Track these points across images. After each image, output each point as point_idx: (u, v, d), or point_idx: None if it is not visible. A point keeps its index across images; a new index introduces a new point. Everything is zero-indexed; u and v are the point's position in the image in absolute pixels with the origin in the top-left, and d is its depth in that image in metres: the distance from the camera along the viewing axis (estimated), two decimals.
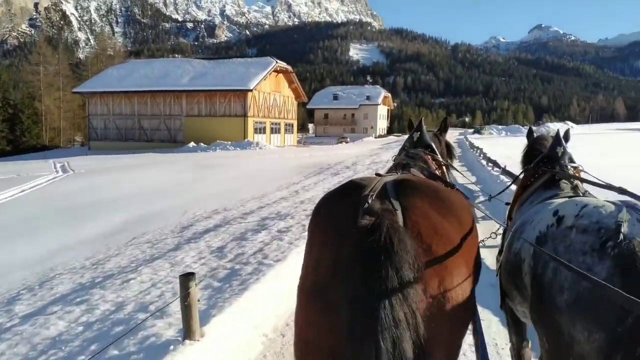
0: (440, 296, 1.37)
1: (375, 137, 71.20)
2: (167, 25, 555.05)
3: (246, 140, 39.36)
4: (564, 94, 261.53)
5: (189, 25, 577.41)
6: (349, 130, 76.56)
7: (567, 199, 2.00)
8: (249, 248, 5.41)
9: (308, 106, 78.34)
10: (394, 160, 2.75)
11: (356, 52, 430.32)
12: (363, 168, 15.53)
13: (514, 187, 3.13)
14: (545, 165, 2.60)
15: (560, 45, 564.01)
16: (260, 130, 44.72)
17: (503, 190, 3.25)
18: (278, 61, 46.50)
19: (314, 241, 1.56)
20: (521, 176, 2.88)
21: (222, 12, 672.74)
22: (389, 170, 2.52)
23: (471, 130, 75.11)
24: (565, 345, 1.47)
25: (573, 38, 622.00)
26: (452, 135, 70.59)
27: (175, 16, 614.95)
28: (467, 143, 30.75)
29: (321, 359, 1.35)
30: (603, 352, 1.33)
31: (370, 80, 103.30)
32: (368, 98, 78.29)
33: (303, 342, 1.45)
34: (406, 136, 3.12)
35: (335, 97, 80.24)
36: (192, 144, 38.95)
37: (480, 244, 1.85)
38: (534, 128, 3.36)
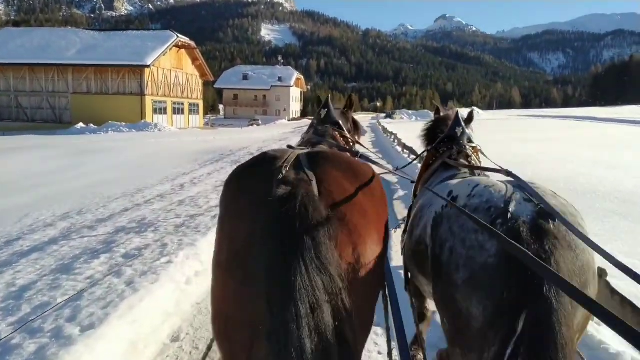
0: (354, 262, 1.41)
1: (289, 120, 69.39)
2: None
3: (143, 121, 35.52)
4: (467, 81, 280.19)
5: None
6: (261, 112, 73.82)
7: (461, 179, 2.07)
8: (62, 292, 3.35)
9: (216, 86, 74.20)
10: (303, 138, 2.70)
11: (268, 32, 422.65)
12: None
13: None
14: (446, 145, 2.73)
15: (463, 35, 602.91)
16: (160, 110, 40.80)
17: (407, 165, 3.48)
18: (180, 35, 42.59)
19: (227, 214, 1.53)
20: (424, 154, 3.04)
21: None
22: (300, 146, 2.41)
23: (383, 115, 76.25)
24: (464, 321, 1.52)
25: (474, 29, 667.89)
26: (365, 120, 70.76)
27: None
28: (381, 128, 30.18)
29: (241, 331, 1.33)
30: (495, 322, 1.39)
31: (282, 61, 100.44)
32: (280, 79, 75.96)
33: (222, 317, 1.42)
34: None
35: (245, 77, 76.67)
36: (80, 124, 34.24)
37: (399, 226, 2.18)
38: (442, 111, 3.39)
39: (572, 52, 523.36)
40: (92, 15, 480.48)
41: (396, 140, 17.05)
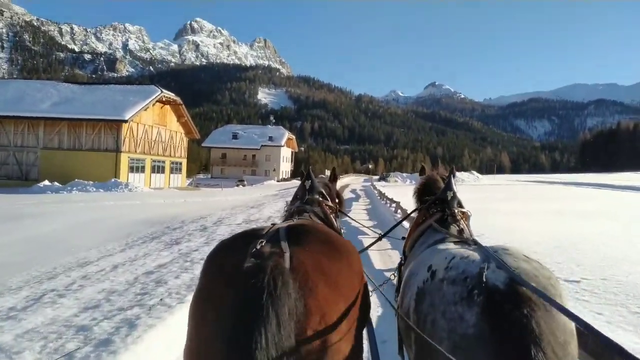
0: (323, 338, 1.37)
1: (278, 181, 66.94)
2: (62, 54, 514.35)
3: (113, 180, 32.58)
4: (456, 145, 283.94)
5: (87, 57, 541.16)
6: (250, 172, 71.59)
7: (441, 249, 2.11)
8: None
9: (204, 144, 72.40)
10: (288, 210, 2.77)
11: (264, 95, 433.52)
12: (225, 231, 10.48)
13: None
14: (436, 207, 2.79)
15: (452, 102, 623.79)
16: (137, 168, 38.09)
17: (393, 228, 3.37)
18: (164, 91, 40.83)
19: (202, 288, 1.51)
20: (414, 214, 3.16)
21: (125, 46, 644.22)
22: (286, 218, 2.55)
23: (376, 177, 73.94)
24: None
25: (462, 96, 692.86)
26: (357, 182, 68.82)
27: (71, 46, 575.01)
28: (376, 192, 26.77)
29: None
30: None
31: (274, 121, 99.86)
32: (271, 139, 74.51)
33: None
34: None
35: (235, 136, 75.10)
36: (45, 182, 31.30)
37: (375, 290, 2.23)
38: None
39: (556, 119, 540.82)
40: (94, 76, 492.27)
41: (399, 210, 13.80)
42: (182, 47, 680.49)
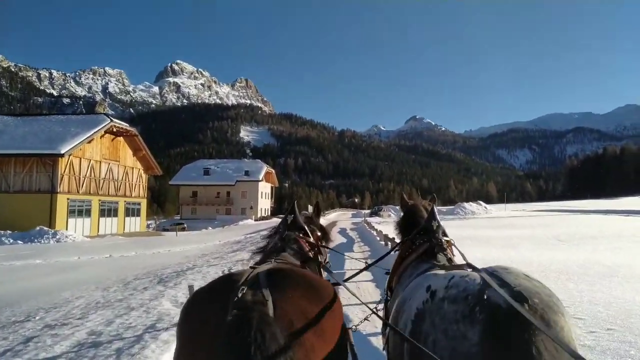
0: None
1: (256, 220, 60.50)
2: (40, 99, 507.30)
3: (39, 228, 26.27)
4: (441, 177, 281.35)
5: (66, 100, 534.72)
6: (224, 211, 65.06)
7: (436, 272, 2.10)
8: None
9: (171, 182, 66.01)
10: (268, 244, 2.73)
11: (247, 133, 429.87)
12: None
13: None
14: (422, 237, 2.74)
15: (433, 134, 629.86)
16: (81, 212, 31.89)
17: (378, 260, 3.23)
18: (115, 120, 35.36)
19: (184, 344, 1.48)
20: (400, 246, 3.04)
21: (105, 90, 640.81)
22: (264, 255, 2.49)
23: (367, 212, 66.62)
24: None
25: (443, 129, 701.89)
26: (346, 218, 61.81)
27: (50, 91, 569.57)
28: (374, 233, 20.23)
29: None
30: None
31: (250, 154, 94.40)
32: (247, 173, 68.30)
33: None
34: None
35: (207, 172, 68.71)
36: None
37: (354, 328, 2.31)
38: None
39: (537, 148, 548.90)
40: None
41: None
42: (163, 89, 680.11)
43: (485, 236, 17.38)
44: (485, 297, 1.53)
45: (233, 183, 67.13)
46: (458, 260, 2.53)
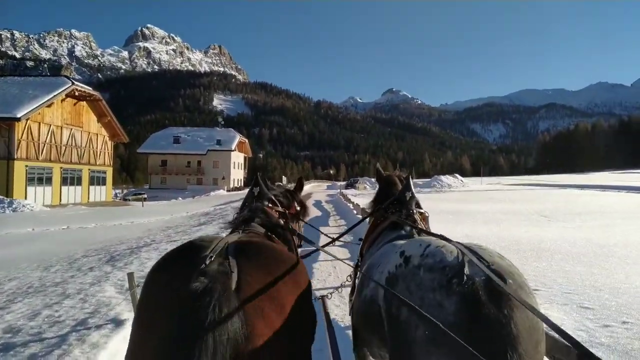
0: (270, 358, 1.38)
1: (228, 190, 59.01)
2: (1, 61, 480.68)
3: None
4: (416, 150, 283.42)
5: (29, 63, 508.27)
6: (195, 181, 63.14)
7: (409, 239, 2.13)
8: None
9: (139, 150, 63.38)
10: (237, 216, 2.67)
11: (220, 102, 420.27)
12: None
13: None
14: (395, 207, 2.80)
15: (409, 107, 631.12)
16: (41, 180, 29.90)
17: (345, 232, 3.32)
18: (77, 83, 32.95)
19: (147, 306, 1.46)
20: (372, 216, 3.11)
21: (71, 53, 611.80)
22: (233, 228, 2.44)
23: (342, 184, 64.79)
24: None
25: (420, 102, 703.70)
26: (320, 189, 61.14)
27: (12, 53, 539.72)
28: (351, 205, 19.12)
29: None
30: None
31: (222, 122, 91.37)
32: (219, 142, 65.94)
33: None
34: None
35: (177, 140, 66.11)
36: None
37: (329, 296, 2.48)
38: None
39: (511, 123, 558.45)
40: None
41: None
42: (132, 54, 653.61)
43: (466, 210, 16.67)
44: (466, 270, 1.54)
45: (204, 152, 64.94)
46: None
